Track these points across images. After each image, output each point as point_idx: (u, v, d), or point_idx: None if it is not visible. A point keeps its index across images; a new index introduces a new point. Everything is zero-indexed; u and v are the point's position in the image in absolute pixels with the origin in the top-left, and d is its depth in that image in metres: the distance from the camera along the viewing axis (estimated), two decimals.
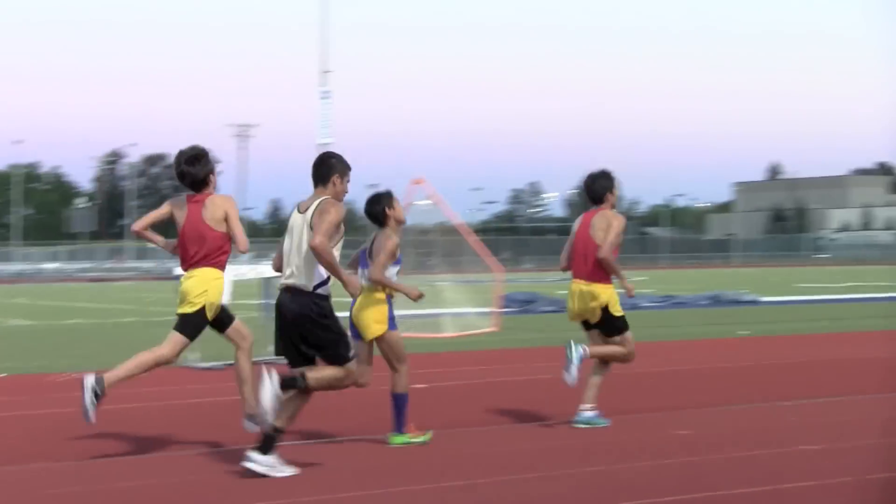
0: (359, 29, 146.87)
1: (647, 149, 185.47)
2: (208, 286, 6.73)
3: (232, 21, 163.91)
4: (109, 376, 6.59)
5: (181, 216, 6.82)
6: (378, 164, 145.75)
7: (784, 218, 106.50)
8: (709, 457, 6.59)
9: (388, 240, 7.05)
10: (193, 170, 6.78)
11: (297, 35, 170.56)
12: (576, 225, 8.01)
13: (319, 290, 6.24)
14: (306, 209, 6.30)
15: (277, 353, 6.40)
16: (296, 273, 6.26)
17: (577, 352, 7.63)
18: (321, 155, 6.54)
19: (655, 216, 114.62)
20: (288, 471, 6.19)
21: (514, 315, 18.60)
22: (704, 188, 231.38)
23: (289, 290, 6.29)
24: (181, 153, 6.84)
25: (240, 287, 13.51)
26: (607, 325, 7.83)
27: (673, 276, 43.68)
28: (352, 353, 6.31)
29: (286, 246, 6.36)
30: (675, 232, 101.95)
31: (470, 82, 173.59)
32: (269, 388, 6.09)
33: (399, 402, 7.19)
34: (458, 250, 16.67)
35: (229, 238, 6.81)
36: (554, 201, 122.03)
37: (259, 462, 6.14)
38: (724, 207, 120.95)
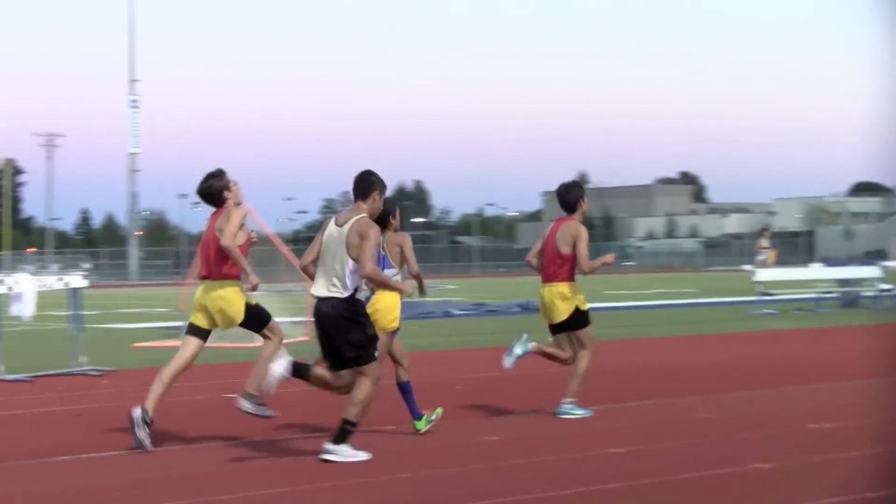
0: (167, 37, 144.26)
1: (458, 158, 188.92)
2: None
3: (40, 28, 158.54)
4: (148, 403, 7.38)
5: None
6: (188, 174, 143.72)
7: (592, 226, 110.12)
8: (515, 461, 6.85)
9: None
10: (203, 186, 7.70)
11: (106, 44, 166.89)
12: (547, 230, 8.73)
13: (355, 296, 6.95)
14: (344, 223, 6.96)
15: (325, 358, 7.00)
16: (336, 283, 6.89)
17: (525, 346, 8.49)
18: (363, 172, 7.12)
19: (467, 225, 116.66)
20: (362, 455, 6.86)
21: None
22: (514, 197, 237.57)
23: (327, 300, 6.90)
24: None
25: (46, 298, 13.02)
26: (576, 322, 8.61)
27: (484, 285, 44.53)
28: (377, 353, 7.01)
29: (325, 257, 6.95)
30: (486, 241, 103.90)
31: (282, 86, 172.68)
32: (280, 367, 6.82)
33: (408, 389, 7.86)
34: (271, 260, 16.71)
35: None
36: None
37: (333, 451, 6.81)
38: (534, 216, 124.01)
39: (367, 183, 7.03)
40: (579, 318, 8.63)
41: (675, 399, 9.71)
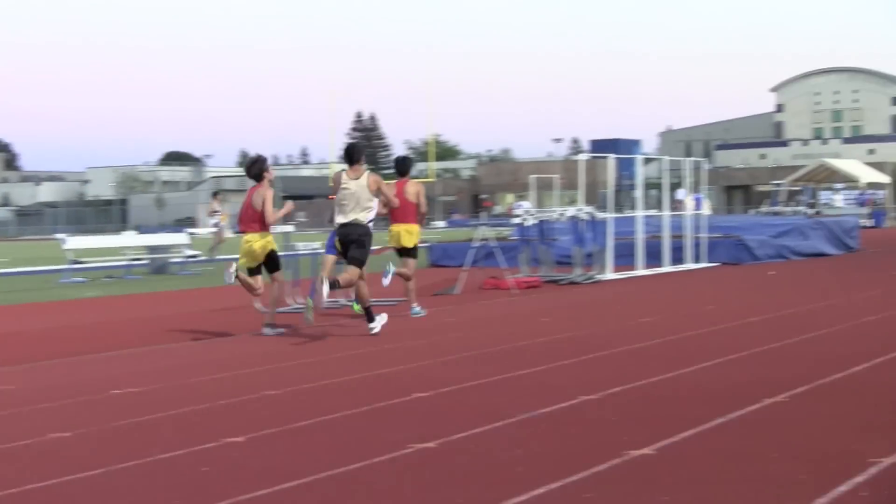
0: None
1: None
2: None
3: None
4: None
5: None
6: None
7: None
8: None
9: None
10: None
11: None
12: (394, 188, 12.61)
13: (370, 224, 11.00)
14: (357, 177, 10.92)
15: (340, 252, 11.08)
16: (359, 214, 10.87)
17: (392, 270, 11.75)
18: (353, 143, 11.21)
19: None
20: (385, 318, 11.18)
21: None
22: None
23: (352, 224, 10.85)
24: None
25: None
26: (411, 252, 13.00)
27: None
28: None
29: (346, 198, 10.86)
30: None
31: None
32: (325, 288, 10.48)
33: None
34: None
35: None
36: None
37: (375, 325, 10.97)
38: None
39: (358, 150, 11.19)
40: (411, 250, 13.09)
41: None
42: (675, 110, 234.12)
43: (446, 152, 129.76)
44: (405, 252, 13.02)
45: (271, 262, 11.62)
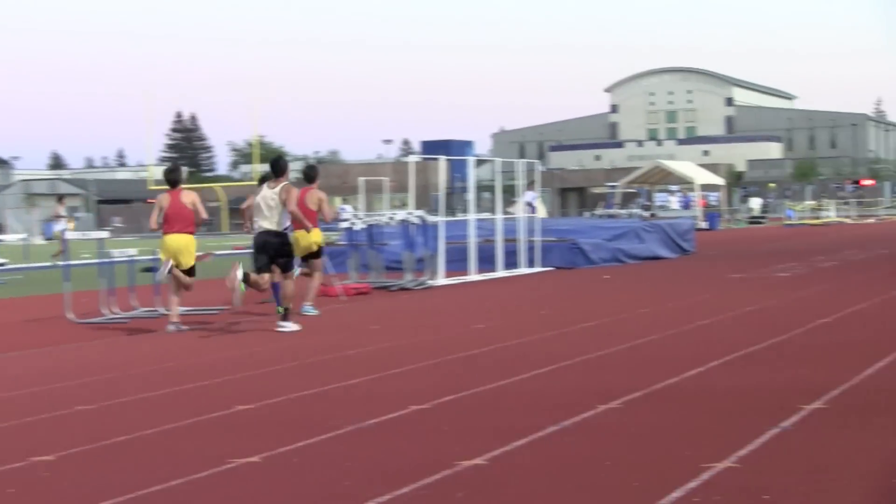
0: None
1: None
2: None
3: None
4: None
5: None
6: None
7: None
8: None
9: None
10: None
11: None
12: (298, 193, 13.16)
13: (286, 231, 12.66)
14: (274, 188, 12.51)
15: (258, 266, 12.38)
16: (274, 222, 12.43)
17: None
18: (278, 157, 13.25)
19: None
20: (296, 327, 12.33)
21: None
22: None
23: (269, 232, 12.43)
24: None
25: None
26: (313, 256, 14.53)
27: None
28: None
29: (262, 206, 12.46)
30: None
31: None
32: (239, 273, 11.96)
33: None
34: None
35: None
36: None
37: (286, 326, 12.22)
38: None
39: (283, 163, 12.81)
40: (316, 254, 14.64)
41: None
42: (509, 111, 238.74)
43: (272, 154, 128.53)
44: (309, 256, 14.47)
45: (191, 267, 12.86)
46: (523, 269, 22.14)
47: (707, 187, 58.82)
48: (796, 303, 14.20)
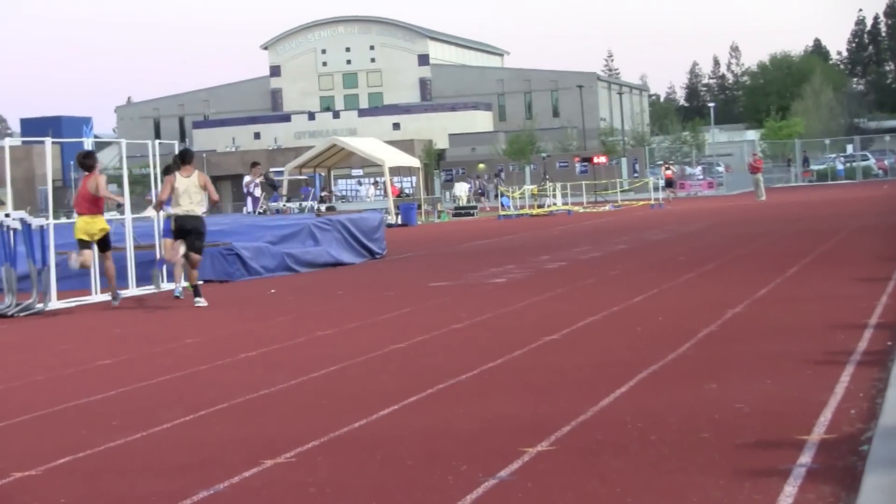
0: None
1: None
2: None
3: None
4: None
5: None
6: None
7: None
8: None
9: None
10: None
11: None
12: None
13: (204, 214, 18.94)
14: (188, 176, 18.50)
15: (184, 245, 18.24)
16: (193, 206, 18.39)
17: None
18: (186, 149, 19.69)
19: None
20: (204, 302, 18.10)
21: None
22: None
23: (188, 216, 18.33)
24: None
25: None
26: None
27: None
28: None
29: (182, 193, 18.34)
30: None
31: None
32: (182, 249, 18.19)
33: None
34: None
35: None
36: None
37: (201, 301, 18.10)
38: None
39: (190, 154, 19.10)
40: None
41: None
42: (138, 77, 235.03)
43: None
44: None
45: (104, 242, 18.89)
46: (163, 285, 21.83)
47: (399, 171, 59.93)
48: (514, 316, 14.70)
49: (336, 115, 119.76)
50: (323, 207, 46.38)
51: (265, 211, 35.79)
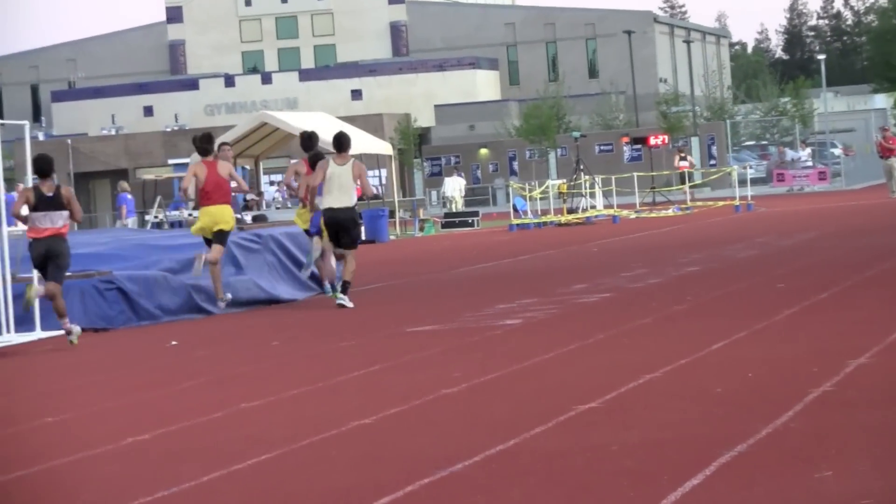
0: None
1: None
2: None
3: None
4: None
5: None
6: None
7: None
8: None
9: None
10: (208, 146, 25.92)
11: None
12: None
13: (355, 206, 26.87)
14: (342, 164, 25.53)
15: (332, 239, 25.89)
16: (345, 199, 25.65)
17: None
18: (342, 133, 26.74)
19: None
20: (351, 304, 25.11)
21: None
22: None
23: (339, 209, 25.60)
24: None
25: None
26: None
27: None
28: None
29: (333, 183, 25.33)
30: None
31: None
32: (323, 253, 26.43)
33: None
34: None
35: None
36: None
37: (345, 300, 25.12)
38: None
39: (347, 139, 26.26)
40: None
41: None
42: None
43: None
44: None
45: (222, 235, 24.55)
46: (13, 336, 21.77)
47: (361, 161, 59.77)
48: (533, 374, 14.71)
49: (266, 78, 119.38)
50: (248, 217, 46.08)
51: (161, 223, 35.70)
